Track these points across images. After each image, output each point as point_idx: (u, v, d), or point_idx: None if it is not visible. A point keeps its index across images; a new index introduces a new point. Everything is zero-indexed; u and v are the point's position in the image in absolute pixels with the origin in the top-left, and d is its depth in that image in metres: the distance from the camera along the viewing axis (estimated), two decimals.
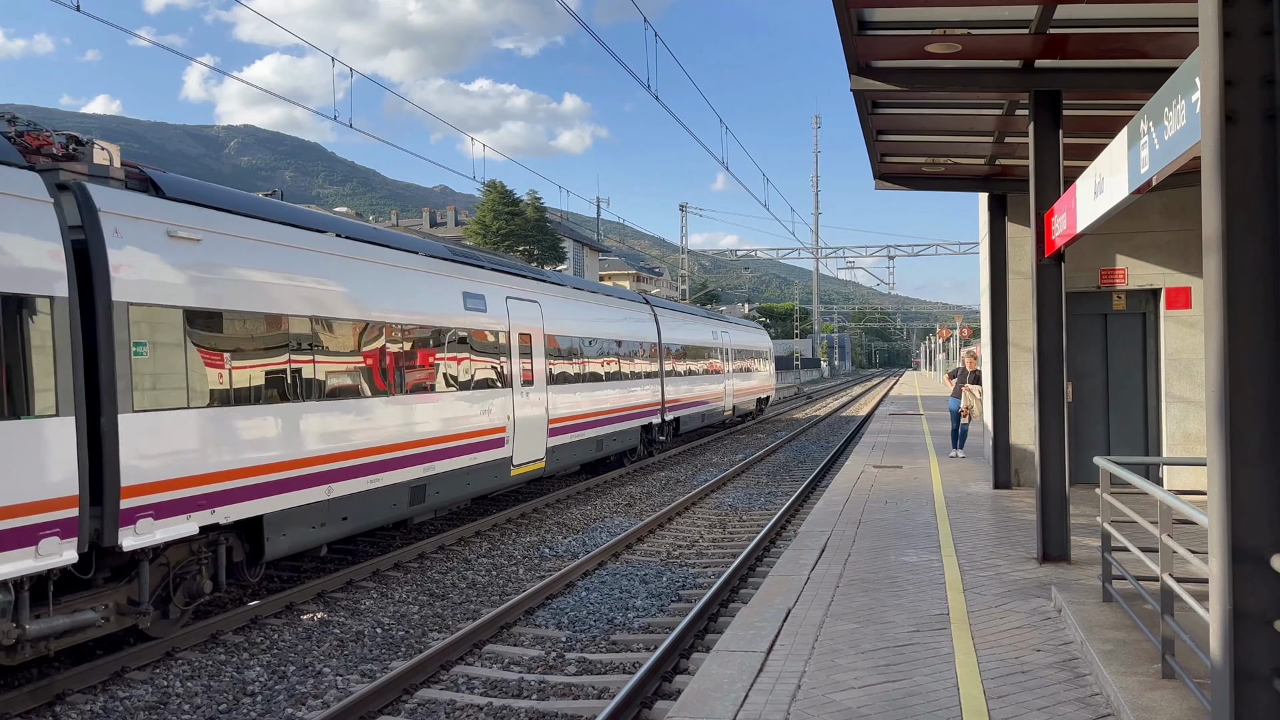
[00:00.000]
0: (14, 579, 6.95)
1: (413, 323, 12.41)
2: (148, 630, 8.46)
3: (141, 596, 8.21)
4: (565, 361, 17.79)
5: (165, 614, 8.64)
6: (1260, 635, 3.72)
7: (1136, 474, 6.31)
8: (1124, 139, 6.01)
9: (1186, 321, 13.05)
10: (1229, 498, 3.76)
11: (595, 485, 19.13)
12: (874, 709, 5.52)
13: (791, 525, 14.29)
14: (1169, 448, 13.05)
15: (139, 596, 8.23)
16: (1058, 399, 9.15)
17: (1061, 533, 9.11)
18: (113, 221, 8.05)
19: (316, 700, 7.54)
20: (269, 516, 9.57)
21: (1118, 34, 7.96)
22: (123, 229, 8.13)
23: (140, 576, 8.23)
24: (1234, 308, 3.75)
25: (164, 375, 8.40)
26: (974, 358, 19.12)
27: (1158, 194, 12.42)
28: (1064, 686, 5.81)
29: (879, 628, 7.16)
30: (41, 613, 7.35)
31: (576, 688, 7.57)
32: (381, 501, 11.57)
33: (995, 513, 12.11)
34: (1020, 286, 13.61)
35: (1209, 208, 3.84)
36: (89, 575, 7.85)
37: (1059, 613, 7.35)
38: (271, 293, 9.80)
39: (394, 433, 11.78)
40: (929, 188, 14.34)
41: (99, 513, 7.76)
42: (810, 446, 27.11)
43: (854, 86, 9.04)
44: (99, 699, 7.52)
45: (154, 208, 8.62)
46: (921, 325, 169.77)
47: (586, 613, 9.80)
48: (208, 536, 8.99)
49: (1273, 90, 3.69)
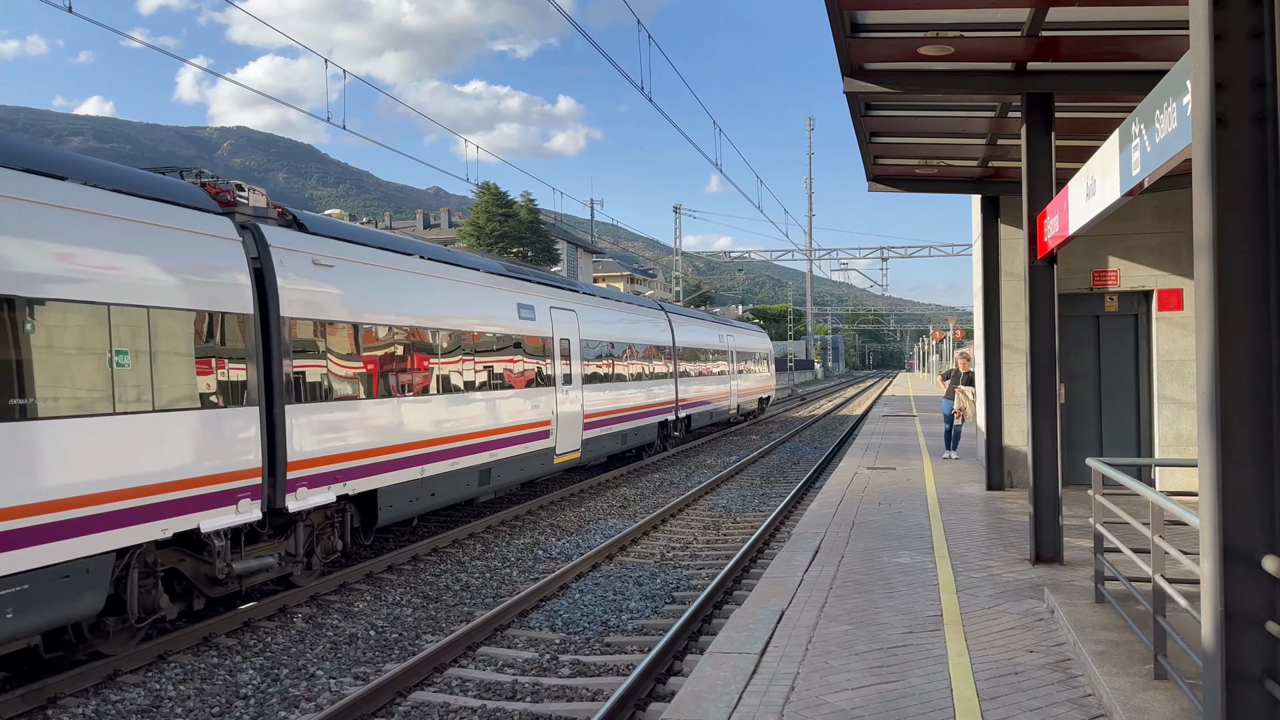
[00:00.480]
0: (224, 529, 9.04)
1: (481, 330, 14.62)
2: (295, 579, 10.50)
3: (297, 550, 10.34)
4: (596, 363, 19.95)
5: (309, 566, 10.71)
6: (1251, 635, 3.73)
7: (1128, 475, 6.33)
8: (1115, 141, 6.03)
9: (1178, 323, 13.09)
10: (1220, 499, 3.78)
11: (589, 487, 19.14)
12: (867, 710, 5.53)
13: (785, 527, 14.31)
14: (1161, 449, 13.09)
15: (295, 550, 10.33)
16: (1050, 400, 9.17)
17: (1054, 534, 9.13)
18: (279, 254, 10.13)
19: (310, 703, 7.52)
20: (382, 490, 11.68)
21: (1109, 36, 7.98)
22: (284, 259, 10.19)
23: (296, 534, 10.32)
24: (1225, 309, 3.77)
25: (311, 375, 10.47)
26: (967, 359, 19.15)
27: (1149, 196, 12.47)
28: (1057, 687, 5.83)
29: (872, 629, 7.17)
30: (236, 557, 9.43)
31: (570, 690, 7.57)
32: (459, 481, 13.66)
33: (988, 514, 12.13)
34: (1013, 288, 13.65)
35: (1200, 210, 3.85)
36: (264, 531, 9.91)
37: (1052, 614, 7.36)
38: (383, 306, 11.92)
39: (468, 424, 13.93)
40: (922, 190, 14.38)
41: (272, 482, 9.77)
42: (804, 448, 27.14)
43: (847, 89, 9.06)
44: (91, 702, 7.49)
45: (303, 241, 10.69)
46: (915, 327, 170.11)
47: (580, 615, 9.79)
48: (338, 505, 11.13)
49: (1263, 93, 3.71)
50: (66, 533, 7.36)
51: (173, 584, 9.02)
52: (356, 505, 11.52)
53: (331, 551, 11.10)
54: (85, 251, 7.76)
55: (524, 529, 14.83)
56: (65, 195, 7.72)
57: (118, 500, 7.84)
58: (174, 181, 9.46)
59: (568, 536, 14.20)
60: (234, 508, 9.12)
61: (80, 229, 7.76)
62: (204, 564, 9.05)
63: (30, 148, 8.06)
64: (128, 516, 7.96)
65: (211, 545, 8.93)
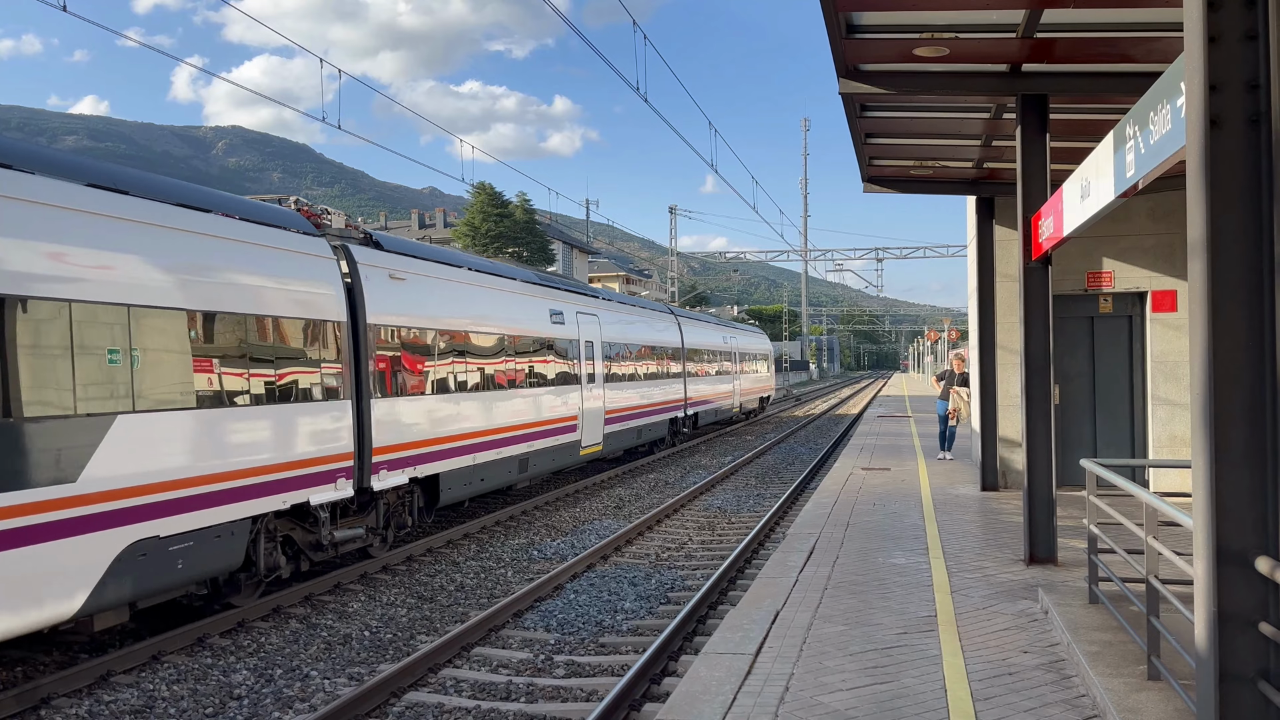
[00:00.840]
0: (326, 503, 10.67)
1: (521, 333, 16.12)
2: (371, 550, 12.03)
3: (378, 523, 11.95)
4: (616, 364, 21.47)
5: (385, 539, 12.19)
6: (1245, 636, 3.74)
7: (1122, 476, 6.34)
8: (1110, 143, 6.04)
9: (1172, 324, 13.12)
10: (1214, 500, 3.78)
11: (584, 487, 19.13)
12: (862, 711, 5.53)
13: (780, 527, 14.31)
14: (1155, 450, 13.12)
15: (376, 524, 11.90)
16: (1045, 401, 9.18)
17: (1048, 535, 9.15)
18: (364, 270, 11.71)
19: (303, 704, 7.50)
20: (443, 474, 13.25)
21: (1104, 38, 8.00)
22: (369, 275, 11.76)
23: (377, 510, 11.94)
24: (1219, 311, 3.77)
25: (388, 374, 12.01)
26: (962, 360, 19.17)
27: (1143, 198, 12.50)
28: (1051, 688, 5.84)
29: (867, 630, 7.18)
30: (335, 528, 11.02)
31: (565, 690, 7.56)
32: (503, 468, 15.23)
33: (983, 515, 12.15)
34: (1008, 289, 13.67)
35: (1194, 211, 3.86)
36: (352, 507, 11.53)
37: (1046, 614, 7.38)
38: (444, 313, 13.52)
39: (511, 417, 15.46)
40: (917, 191, 14.39)
41: (360, 465, 11.30)
42: (799, 448, 27.15)
43: (842, 89, 9.06)
44: (84, 703, 7.47)
45: (381, 258, 12.30)
46: (910, 328, 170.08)
47: (575, 615, 9.79)
48: (409, 486, 12.68)
49: (1257, 95, 3.71)
50: (219, 501, 9.02)
51: (285, 550, 10.53)
52: (422, 488, 13.10)
53: (402, 526, 12.71)
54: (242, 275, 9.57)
55: (519, 529, 14.82)
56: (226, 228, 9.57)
57: (254, 476, 9.51)
58: (279, 209, 11.12)
59: (562, 537, 14.19)
60: (333, 485, 10.75)
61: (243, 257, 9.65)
62: (309, 533, 10.65)
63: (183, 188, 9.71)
64: (259, 490, 9.61)
65: (318, 516, 10.53)
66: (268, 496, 9.71)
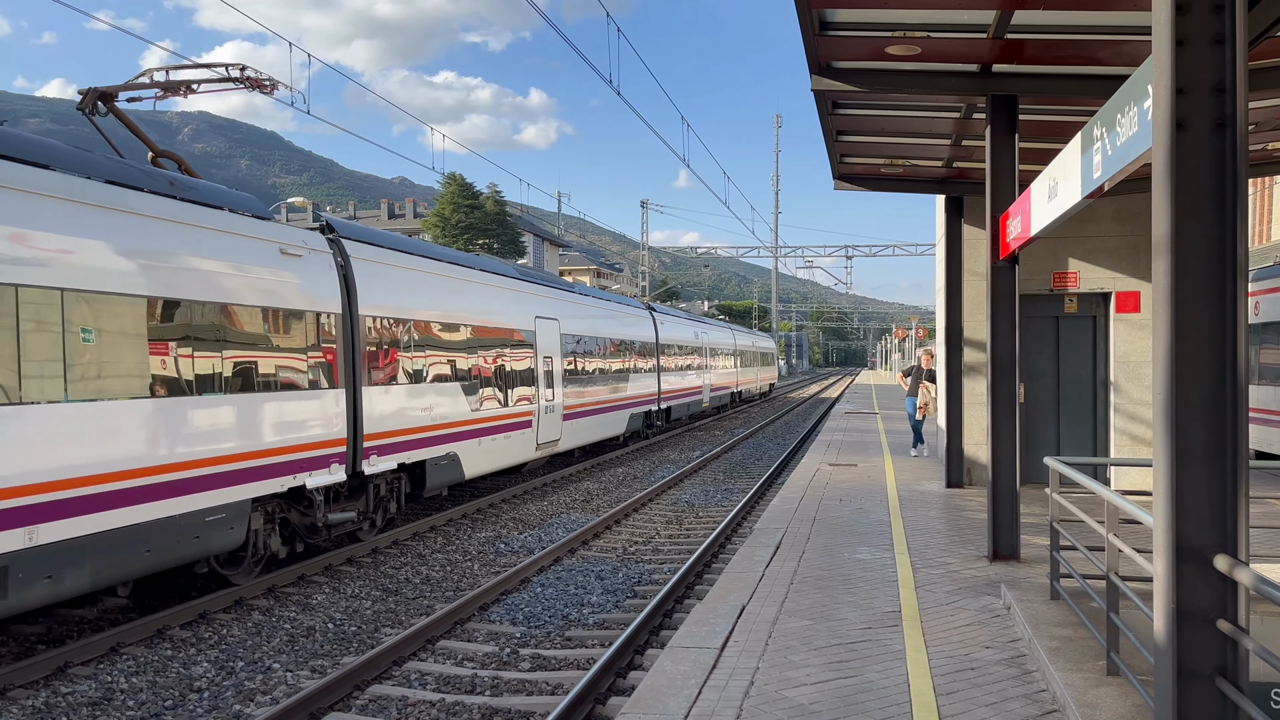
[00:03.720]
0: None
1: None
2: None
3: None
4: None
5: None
6: (1202, 633, 3.79)
7: (1085, 474, 6.41)
8: (1078, 144, 6.10)
9: (1135, 324, 13.30)
10: (1173, 498, 3.83)
11: (552, 481, 19.08)
12: (826, 705, 5.56)
13: (747, 522, 14.35)
14: (1117, 448, 13.30)
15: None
16: (1010, 399, 9.26)
17: (1012, 532, 9.24)
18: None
19: (265, 696, 7.43)
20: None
21: (1073, 40, 8.07)
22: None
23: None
24: (1181, 312, 3.82)
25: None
26: (930, 355, 19.28)
27: (1109, 199, 12.65)
28: (1012, 683, 5.90)
29: (832, 624, 7.21)
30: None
31: (530, 684, 7.54)
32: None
33: (947, 511, 12.25)
34: (975, 287, 13.79)
35: (1159, 213, 3.90)
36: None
37: (1008, 610, 7.45)
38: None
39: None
40: (887, 189, 14.47)
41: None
42: (767, 444, 27.26)
43: (815, 86, 9.08)
44: (41, 694, 7.35)
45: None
46: (878, 325, 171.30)
47: (541, 609, 9.76)
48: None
49: (1223, 99, 3.76)
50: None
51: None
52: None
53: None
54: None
55: (486, 522, 14.76)
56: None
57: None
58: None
59: (530, 530, 14.15)
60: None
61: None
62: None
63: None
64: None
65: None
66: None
